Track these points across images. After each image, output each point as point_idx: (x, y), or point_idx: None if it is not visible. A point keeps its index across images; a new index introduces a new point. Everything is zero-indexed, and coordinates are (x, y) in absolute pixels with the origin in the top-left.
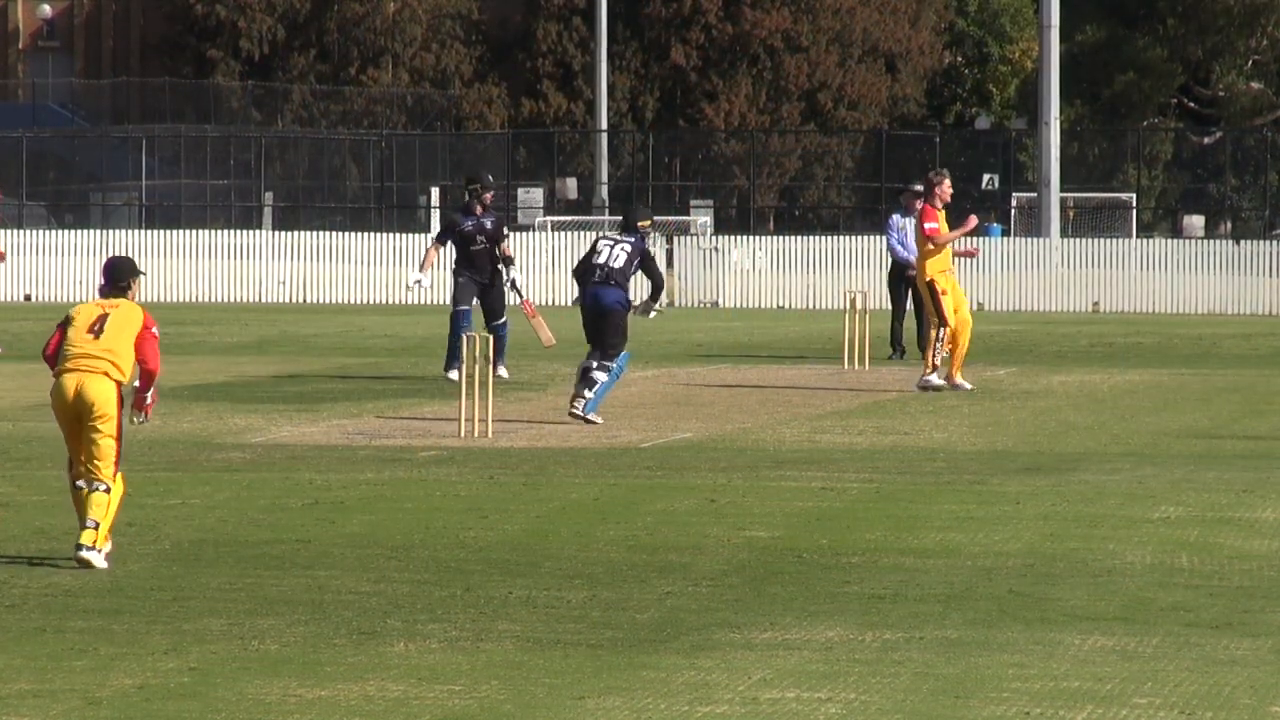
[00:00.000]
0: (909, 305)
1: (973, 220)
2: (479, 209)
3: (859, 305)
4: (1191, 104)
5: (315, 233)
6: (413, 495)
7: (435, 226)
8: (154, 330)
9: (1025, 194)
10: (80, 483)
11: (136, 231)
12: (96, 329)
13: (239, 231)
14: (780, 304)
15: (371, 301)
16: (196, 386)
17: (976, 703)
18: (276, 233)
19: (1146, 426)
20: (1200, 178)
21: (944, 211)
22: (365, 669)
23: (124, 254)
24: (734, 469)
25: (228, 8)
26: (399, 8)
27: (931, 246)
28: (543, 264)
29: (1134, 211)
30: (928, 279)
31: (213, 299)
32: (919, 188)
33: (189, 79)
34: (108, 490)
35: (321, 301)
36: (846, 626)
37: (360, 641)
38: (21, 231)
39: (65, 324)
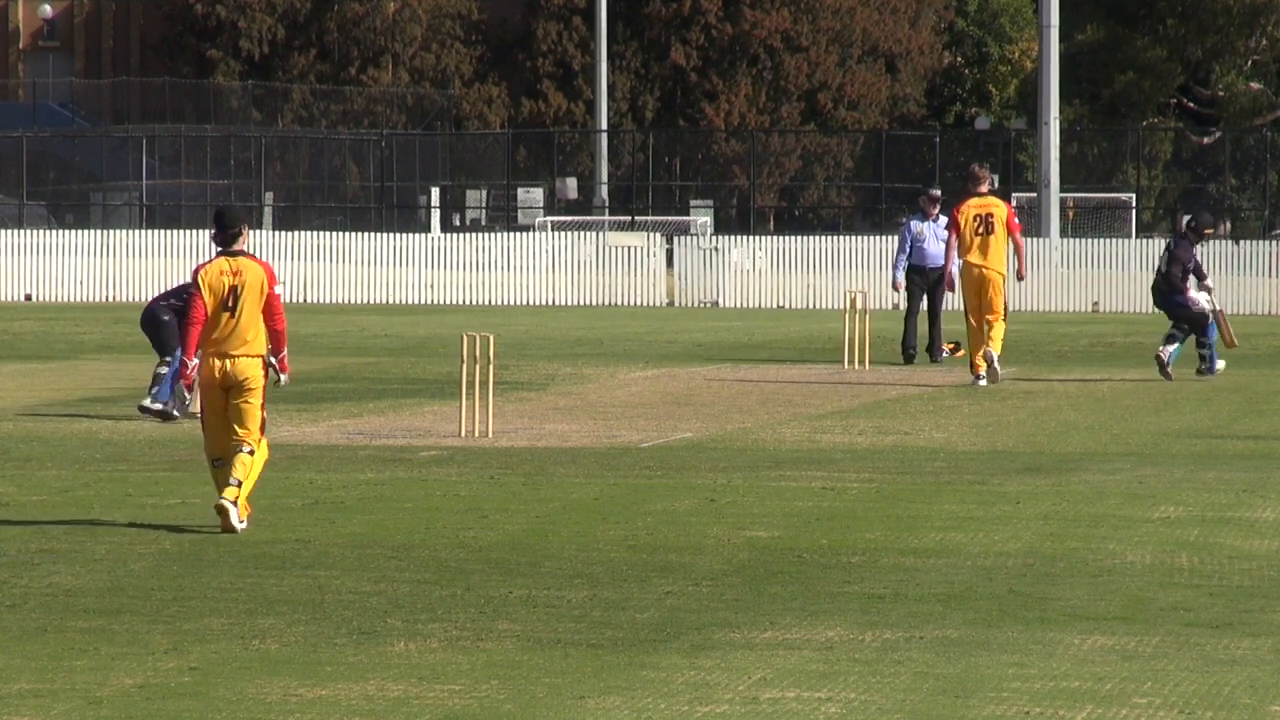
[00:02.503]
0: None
1: None
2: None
3: (859, 305)
4: (1191, 104)
5: (315, 233)
6: (413, 495)
7: (435, 226)
8: (277, 289)
9: (1025, 194)
10: (219, 460)
11: (136, 231)
12: (231, 305)
13: None
14: (780, 304)
15: (371, 301)
16: None
17: (976, 703)
18: (276, 233)
19: (1146, 426)
20: (1200, 177)
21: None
22: (366, 669)
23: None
24: (734, 469)
25: (228, 8)
26: (399, 7)
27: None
28: (543, 264)
29: (1134, 211)
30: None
31: None
32: (936, 192)
33: (189, 79)
34: (252, 452)
35: (321, 301)
36: (846, 626)
37: (360, 641)
38: (21, 231)
39: (198, 291)
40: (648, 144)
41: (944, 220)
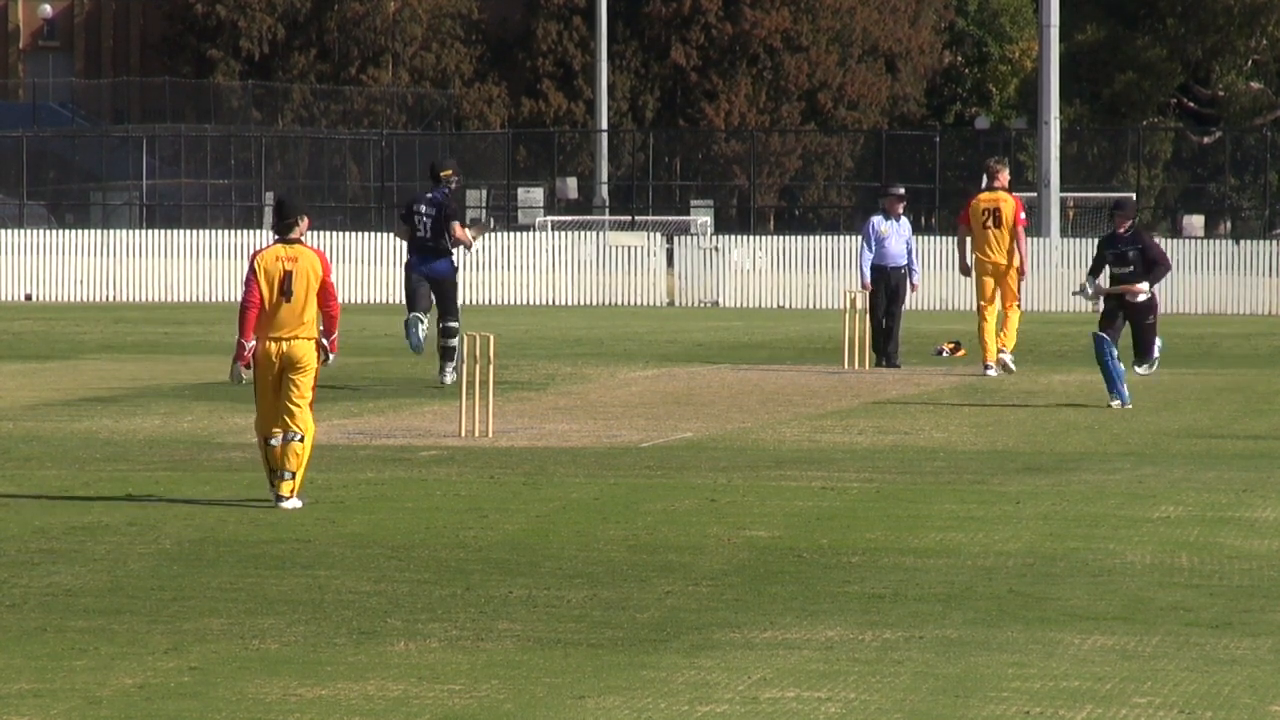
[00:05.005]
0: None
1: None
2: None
3: (859, 305)
4: (1191, 104)
5: (315, 233)
6: (413, 495)
7: None
8: (329, 278)
9: (1025, 194)
10: (273, 440)
11: (136, 231)
12: (285, 289)
13: (239, 231)
14: (780, 304)
15: (372, 301)
16: (197, 386)
17: (976, 702)
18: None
19: (1147, 426)
20: (1200, 177)
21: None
22: (365, 668)
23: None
24: (734, 469)
25: (228, 7)
26: (399, 7)
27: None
28: (543, 264)
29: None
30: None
31: (213, 299)
32: (900, 190)
33: (189, 78)
34: (302, 439)
35: None
36: (846, 626)
37: (360, 641)
38: (21, 231)
39: (253, 276)
40: (648, 144)
41: (905, 220)
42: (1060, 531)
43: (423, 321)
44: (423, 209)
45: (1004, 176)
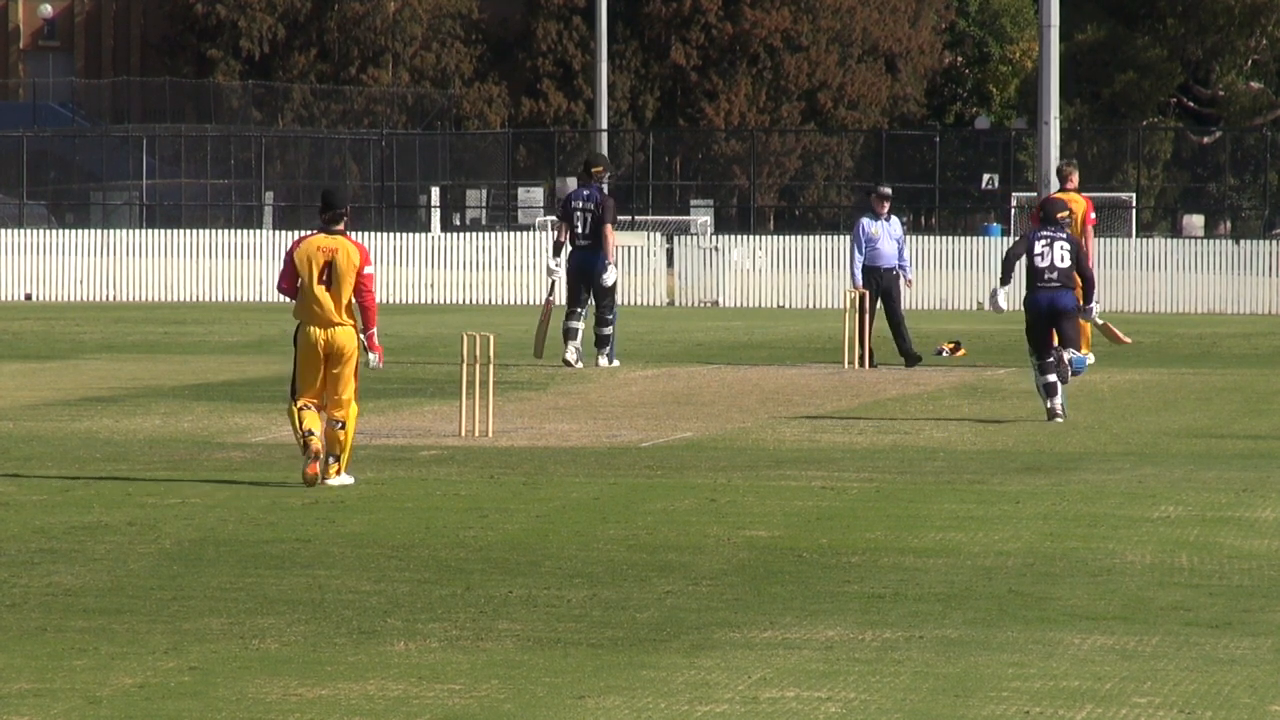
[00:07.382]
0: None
1: None
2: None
3: (859, 305)
4: (1191, 103)
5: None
6: (413, 495)
7: (435, 225)
8: (367, 270)
9: (1025, 194)
10: (309, 405)
11: (137, 231)
12: (326, 278)
13: (239, 231)
14: (780, 304)
15: None
16: (197, 386)
17: (976, 702)
18: (276, 232)
19: (1147, 426)
20: (1200, 177)
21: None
22: (365, 668)
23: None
24: (734, 469)
25: (228, 7)
26: (399, 7)
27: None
28: (543, 264)
29: (1134, 211)
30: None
31: (213, 299)
32: (887, 190)
33: (189, 78)
34: (344, 426)
35: None
36: (846, 626)
37: (360, 641)
38: (21, 231)
39: (292, 260)
40: (648, 144)
41: (895, 219)
42: (1060, 531)
43: (579, 321)
44: (581, 204)
45: (1075, 178)
